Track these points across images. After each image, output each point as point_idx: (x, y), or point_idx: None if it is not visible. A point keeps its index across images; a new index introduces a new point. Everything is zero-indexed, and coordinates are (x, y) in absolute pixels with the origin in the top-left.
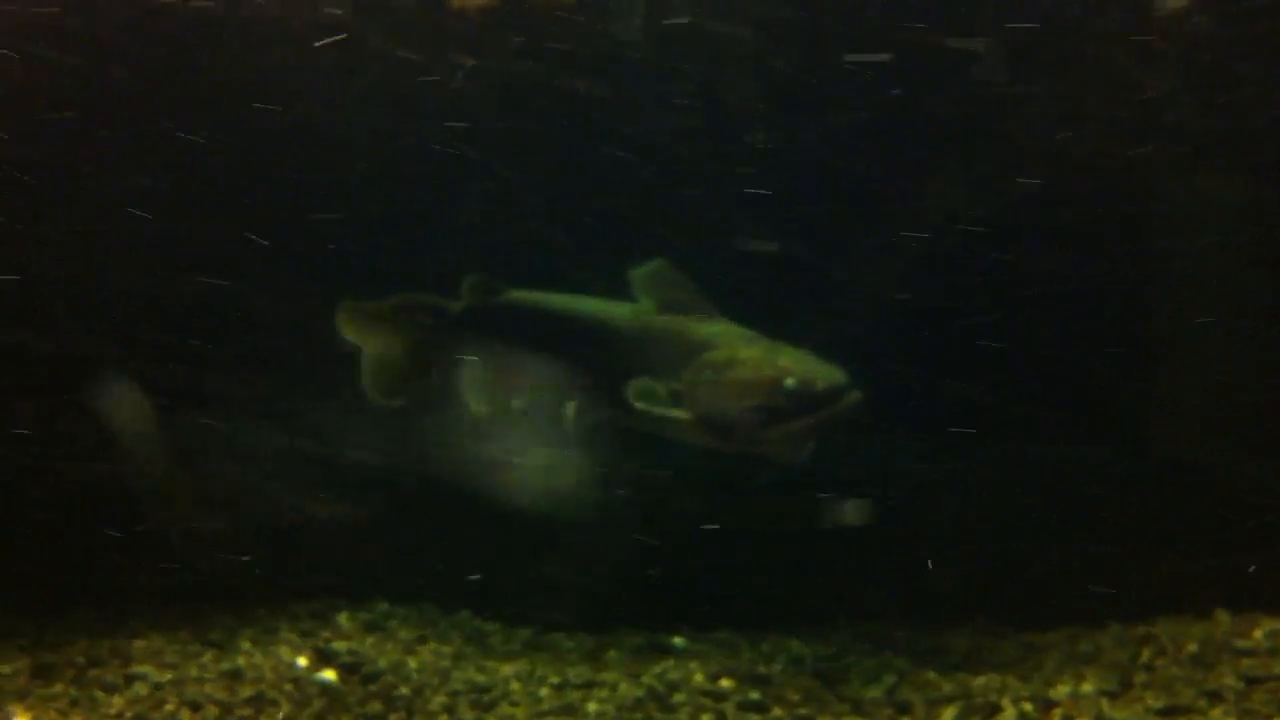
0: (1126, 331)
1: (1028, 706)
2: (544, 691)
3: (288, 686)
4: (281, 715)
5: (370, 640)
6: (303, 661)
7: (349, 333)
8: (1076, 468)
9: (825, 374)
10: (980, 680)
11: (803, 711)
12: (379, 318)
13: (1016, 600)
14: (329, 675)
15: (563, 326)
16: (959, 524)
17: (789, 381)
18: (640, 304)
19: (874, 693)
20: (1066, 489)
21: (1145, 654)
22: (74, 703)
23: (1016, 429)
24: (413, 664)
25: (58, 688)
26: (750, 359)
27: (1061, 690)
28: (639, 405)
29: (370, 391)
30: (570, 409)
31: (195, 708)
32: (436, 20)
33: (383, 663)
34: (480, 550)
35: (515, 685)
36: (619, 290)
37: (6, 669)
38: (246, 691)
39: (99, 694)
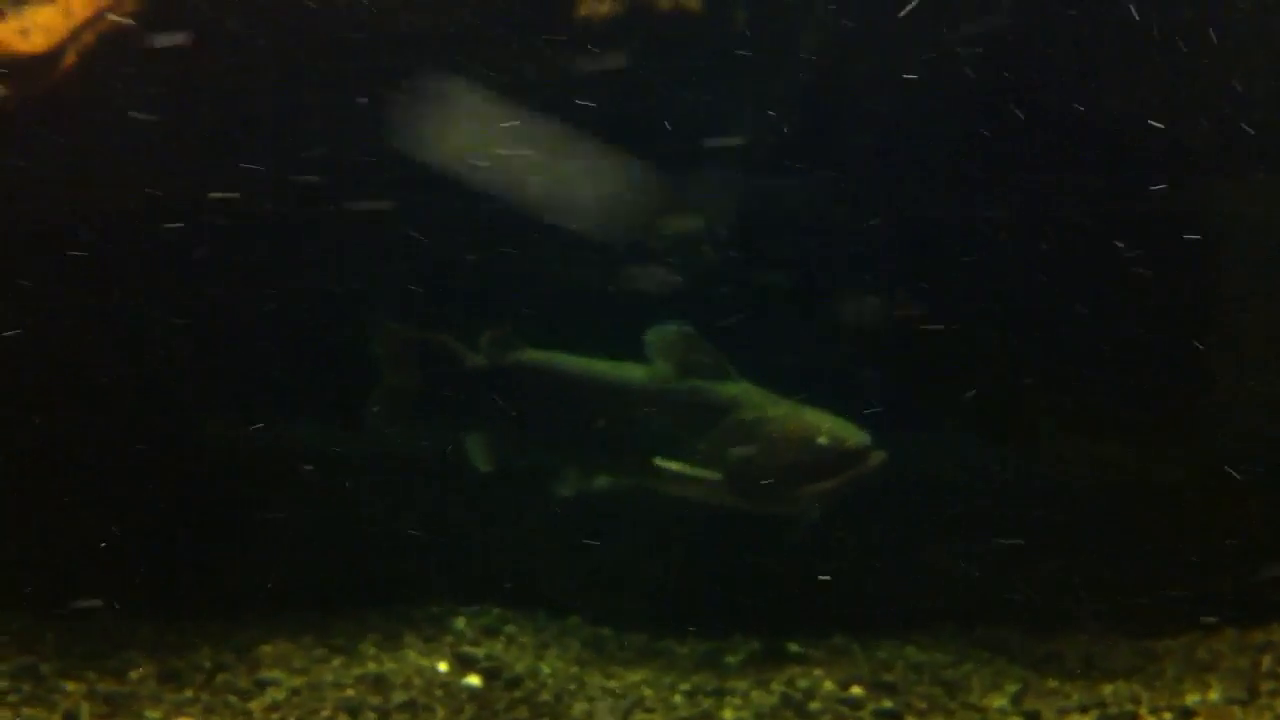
0: (1245, 333)
1: (1167, 716)
2: (677, 699)
3: (438, 692)
4: None
5: (498, 646)
6: (443, 667)
7: (380, 353)
8: (1176, 473)
9: (853, 433)
10: (1109, 688)
11: None
12: (406, 347)
13: (1127, 606)
14: (474, 681)
15: (583, 391)
16: (1063, 530)
17: (821, 439)
18: (655, 366)
19: (999, 701)
20: (1169, 494)
21: (1266, 661)
22: (209, 709)
23: (1120, 432)
24: (546, 669)
25: (188, 693)
26: (780, 417)
27: (1192, 698)
28: (669, 467)
29: (372, 416)
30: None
31: (353, 713)
32: None
33: (519, 668)
34: (589, 557)
35: (648, 692)
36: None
37: (134, 674)
38: (399, 697)
39: (233, 699)
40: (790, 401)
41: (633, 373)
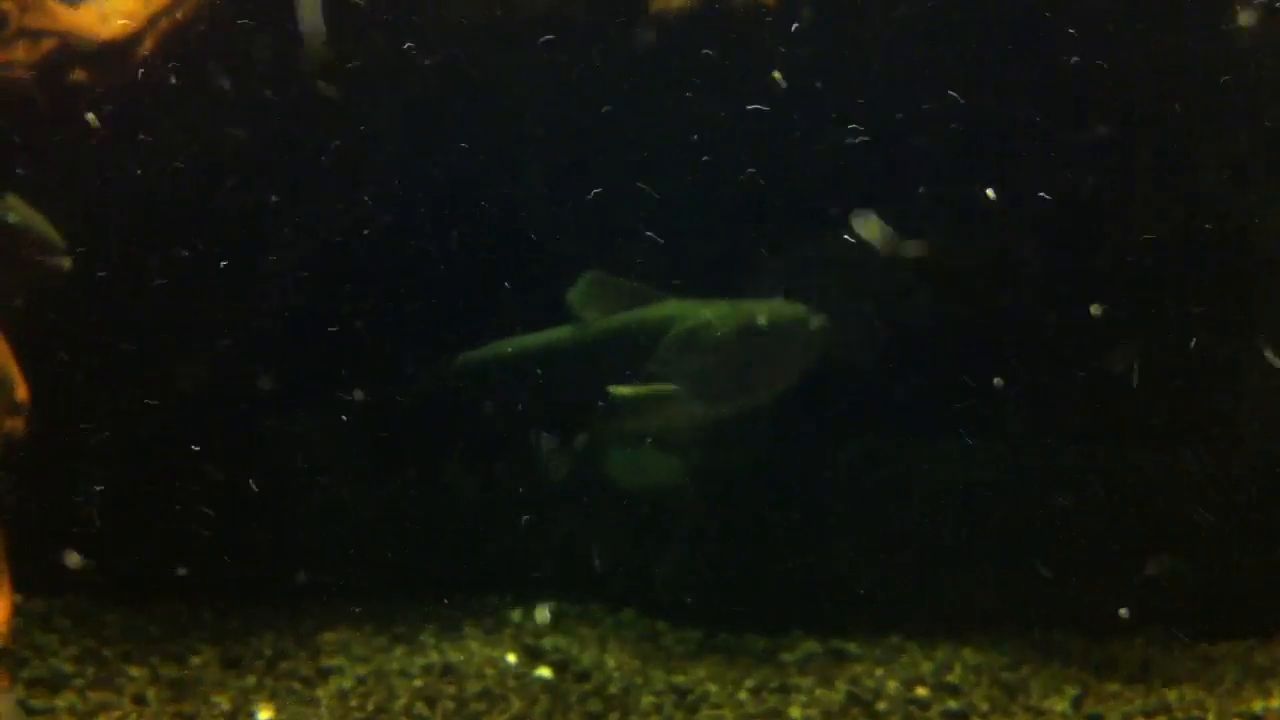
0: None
1: None
2: (742, 695)
3: (512, 683)
4: (514, 711)
5: (561, 639)
6: (512, 658)
7: None
8: (1223, 479)
9: (789, 308)
10: (1172, 693)
11: None
12: None
13: (1184, 611)
14: (545, 672)
15: (524, 365)
16: (1120, 534)
17: (759, 319)
18: (585, 319)
19: (1060, 705)
20: (1221, 500)
21: None
22: (274, 695)
23: (1168, 437)
24: (611, 662)
25: (250, 679)
26: (715, 316)
27: (1257, 704)
28: (623, 394)
29: None
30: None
31: (430, 702)
32: None
33: (585, 661)
34: (647, 551)
35: (712, 687)
36: None
37: (196, 660)
38: (474, 687)
39: (297, 686)
40: (724, 301)
41: (563, 332)
